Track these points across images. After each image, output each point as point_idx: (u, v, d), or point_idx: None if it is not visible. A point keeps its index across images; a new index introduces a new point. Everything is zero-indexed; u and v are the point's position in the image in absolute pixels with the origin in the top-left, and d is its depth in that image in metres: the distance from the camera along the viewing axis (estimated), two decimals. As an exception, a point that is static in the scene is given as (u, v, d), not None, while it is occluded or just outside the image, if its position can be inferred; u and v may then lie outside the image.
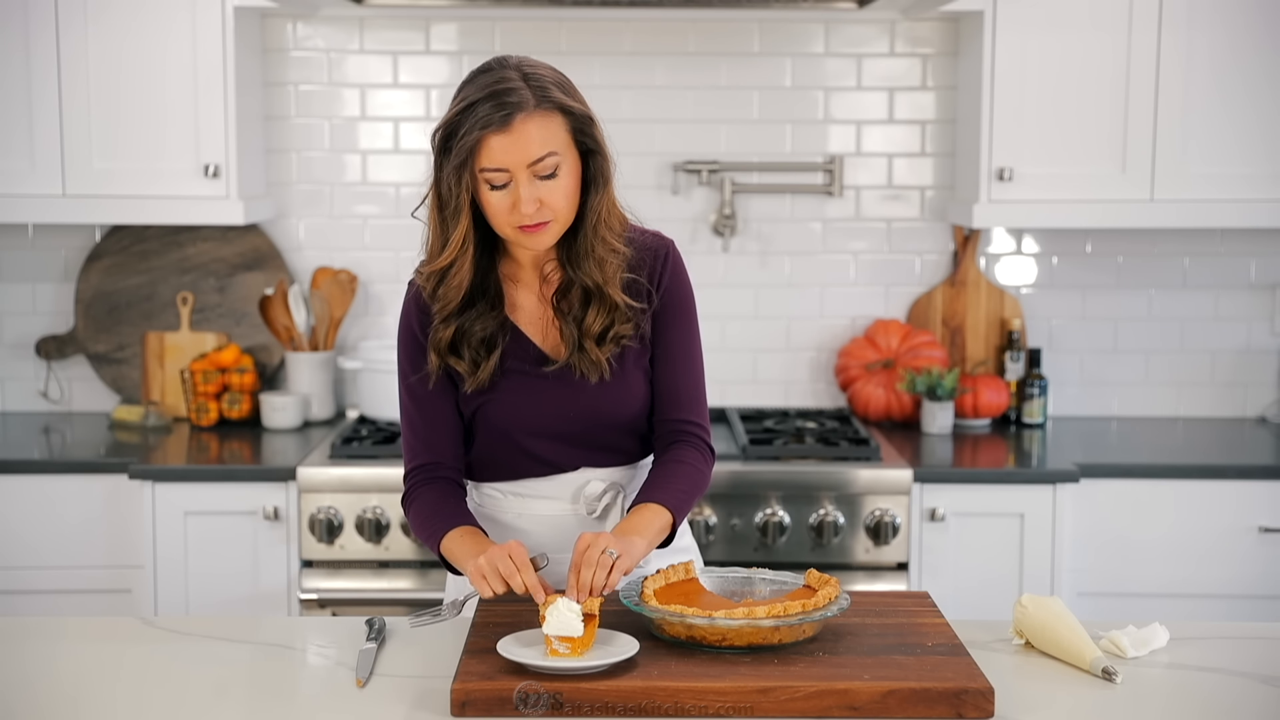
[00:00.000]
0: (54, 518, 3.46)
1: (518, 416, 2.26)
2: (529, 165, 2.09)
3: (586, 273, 2.19)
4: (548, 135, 2.09)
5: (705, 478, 2.29)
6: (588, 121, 2.14)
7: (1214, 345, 4.07)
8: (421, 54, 3.99)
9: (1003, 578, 3.44)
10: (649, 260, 2.26)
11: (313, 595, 3.38)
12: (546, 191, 2.10)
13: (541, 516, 2.32)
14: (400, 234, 4.04)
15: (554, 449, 2.29)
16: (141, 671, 2.06)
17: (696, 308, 2.32)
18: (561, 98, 2.11)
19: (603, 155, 2.16)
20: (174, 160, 3.65)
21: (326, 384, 3.95)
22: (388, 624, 2.23)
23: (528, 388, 2.25)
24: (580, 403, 2.25)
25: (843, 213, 4.03)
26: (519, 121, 2.07)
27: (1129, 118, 3.63)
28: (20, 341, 4.07)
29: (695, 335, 2.31)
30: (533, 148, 2.08)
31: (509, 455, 2.30)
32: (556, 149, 2.10)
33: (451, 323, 2.22)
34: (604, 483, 2.30)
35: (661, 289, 2.27)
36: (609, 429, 2.29)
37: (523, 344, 2.26)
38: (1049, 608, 2.13)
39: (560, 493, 2.31)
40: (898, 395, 3.88)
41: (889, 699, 1.87)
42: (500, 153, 2.08)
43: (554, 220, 2.14)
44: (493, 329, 2.23)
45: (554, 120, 2.10)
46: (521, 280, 2.28)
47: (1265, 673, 2.07)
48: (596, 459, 2.31)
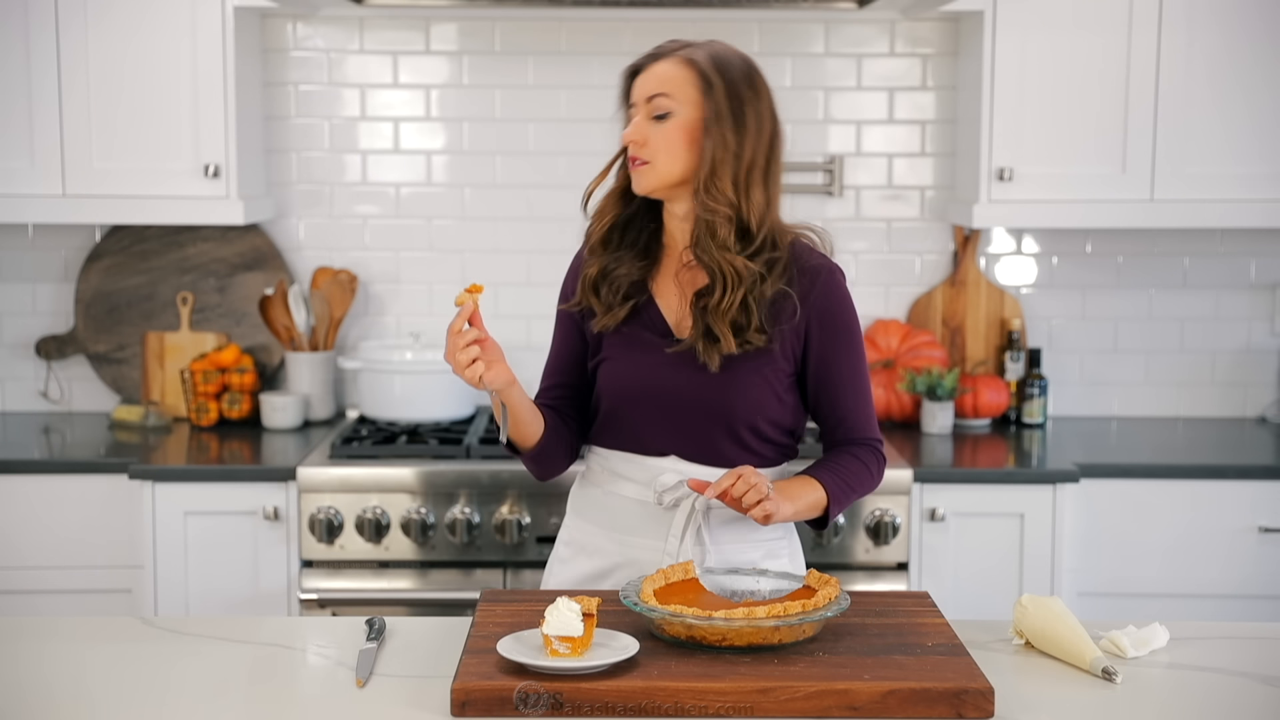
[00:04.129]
0: (54, 518, 3.46)
1: (626, 383, 2.34)
2: (647, 100, 2.27)
3: (705, 249, 2.26)
4: (669, 79, 2.26)
5: (872, 477, 2.36)
6: (711, 89, 2.24)
7: (1214, 345, 4.07)
8: (421, 54, 3.99)
9: (1003, 578, 3.44)
10: (805, 278, 2.30)
11: (313, 595, 3.37)
12: (653, 131, 2.26)
13: (623, 497, 2.36)
14: (400, 234, 4.04)
15: (651, 427, 2.33)
16: (141, 671, 2.06)
17: (861, 333, 2.37)
18: (702, 58, 2.26)
19: (720, 127, 2.24)
20: (174, 160, 3.66)
21: (326, 384, 3.95)
22: (388, 624, 2.23)
23: (643, 358, 2.32)
24: (687, 384, 2.29)
25: (843, 213, 4.03)
26: (656, 64, 2.29)
27: (1129, 118, 3.63)
28: (20, 341, 4.07)
29: (862, 358, 2.36)
30: (652, 84, 2.27)
31: (613, 421, 2.36)
32: (672, 94, 2.25)
33: (599, 259, 2.35)
34: (678, 476, 2.32)
35: (814, 309, 2.30)
36: (707, 420, 2.30)
37: (653, 314, 2.34)
38: (1049, 608, 2.13)
39: (644, 477, 2.34)
40: (898, 395, 3.88)
41: (889, 699, 1.87)
42: (636, 86, 2.31)
43: (651, 164, 2.26)
44: (635, 279, 2.34)
45: (684, 72, 2.26)
46: (669, 255, 2.36)
47: (1265, 673, 2.07)
48: (688, 450, 2.32)
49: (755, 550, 2.35)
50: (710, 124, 2.24)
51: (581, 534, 2.43)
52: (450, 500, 3.40)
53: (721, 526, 2.33)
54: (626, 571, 2.35)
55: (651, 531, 2.34)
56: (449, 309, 4.05)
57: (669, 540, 2.31)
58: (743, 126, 2.26)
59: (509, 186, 4.02)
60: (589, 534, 2.41)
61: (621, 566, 2.36)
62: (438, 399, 3.78)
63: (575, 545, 2.44)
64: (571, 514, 2.47)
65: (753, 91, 2.28)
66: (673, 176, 2.27)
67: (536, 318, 3.99)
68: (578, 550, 2.43)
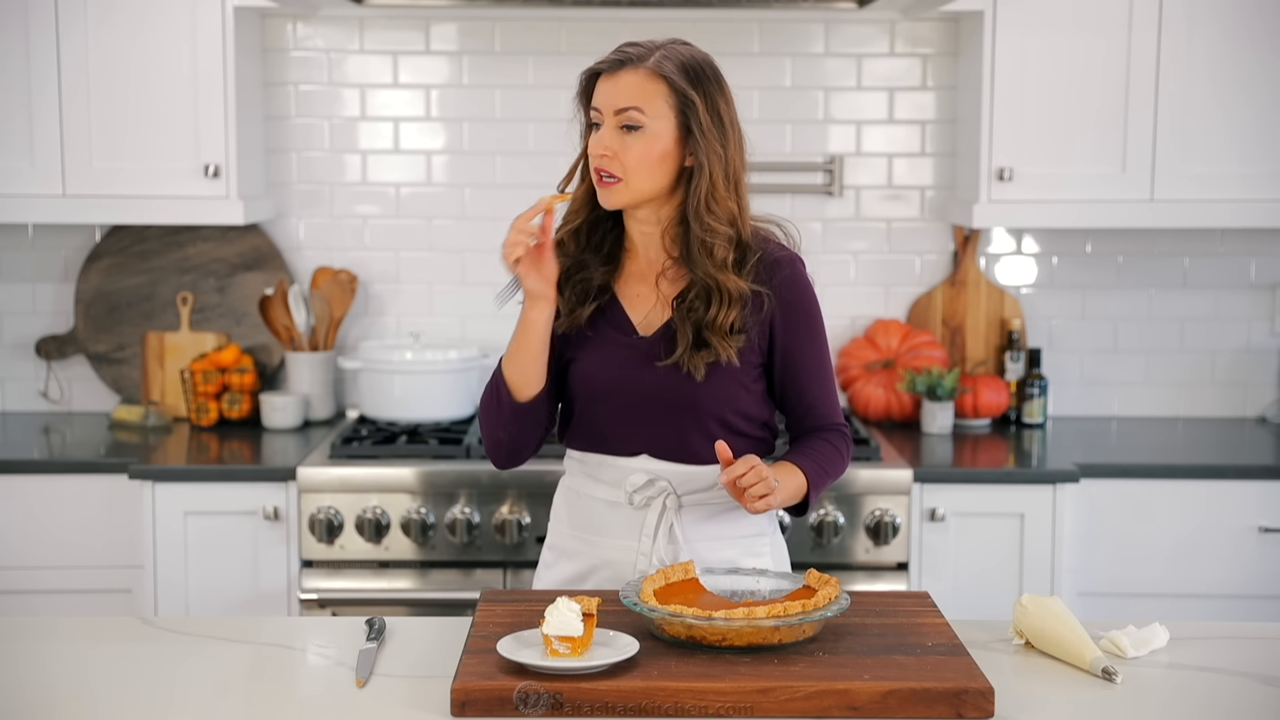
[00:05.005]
0: (54, 518, 3.46)
1: (596, 380, 2.33)
2: (616, 112, 2.23)
3: (700, 266, 2.25)
4: (642, 93, 2.23)
5: (844, 459, 2.38)
6: (690, 104, 2.22)
7: (1214, 345, 4.07)
8: (421, 54, 3.99)
9: (1003, 578, 3.44)
10: (767, 270, 2.30)
11: (313, 595, 3.37)
12: (622, 145, 2.23)
13: (595, 499, 2.37)
14: (400, 234, 4.04)
15: (621, 425, 2.33)
16: (141, 671, 2.06)
17: (823, 320, 2.38)
18: (673, 71, 2.23)
19: (707, 142, 2.23)
20: (174, 160, 3.66)
21: (326, 384, 3.95)
22: (388, 624, 2.23)
23: (611, 355, 2.33)
24: (654, 378, 2.29)
25: (843, 213, 4.03)
26: (624, 72, 2.24)
27: (1129, 118, 3.63)
28: (20, 341, 4.07)
29: (825, 346, 2.38)
30: (622, 96, 2.23)
31: (585, 422, 2.36)
32: (644, 109, 2.22)
33: (563, 258, 2.33)
34: (647, 475, 2.32)
35: (779, 300, 2.30)
36: (677, 414, 2.30)
37: (618, 313, 2.34)
38: (1049, 608, 2.13)
39: (614, 478, 2.35)
40: (898, 395, 3.88)
41: (889, 699, 1.87)
42: (601, 93, 2.26)
43: (622, 180, 2.24)
44: (598, 282, 2.34)
45: (655, 85, 2.23)
46: (631, 257, 2.36)
47: (1265, 673, 2.07)
48: (659, 448, 2.32)
49: (732, 548, 2.36)
50: (699, 143, 2.23)
51: (560, 538, 2.45)
52: (450, 500, 3.40)
53: (694, 525, 2.34)
54: (604, 573, 2.36)
55: (624, 532, 2.35)
56: (449, 309, 4.06)
57: (641, 540, 2.32)
58: (726, 137, 2.25)
59: (509, 186, 4.02)
60: (566, 538, 2.43)
61: (598, 569, 2.37)
62: (438, 399, 3.78)
63: (556, 550, 2.46)
64: (553, 519, 2.49)
65: (724, 97, 2.27)
66: (643, 195, 2.26)
67: (536, 318, 3.98)
68: (559, 554, 2.45)
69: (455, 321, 4.06)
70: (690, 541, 2.33)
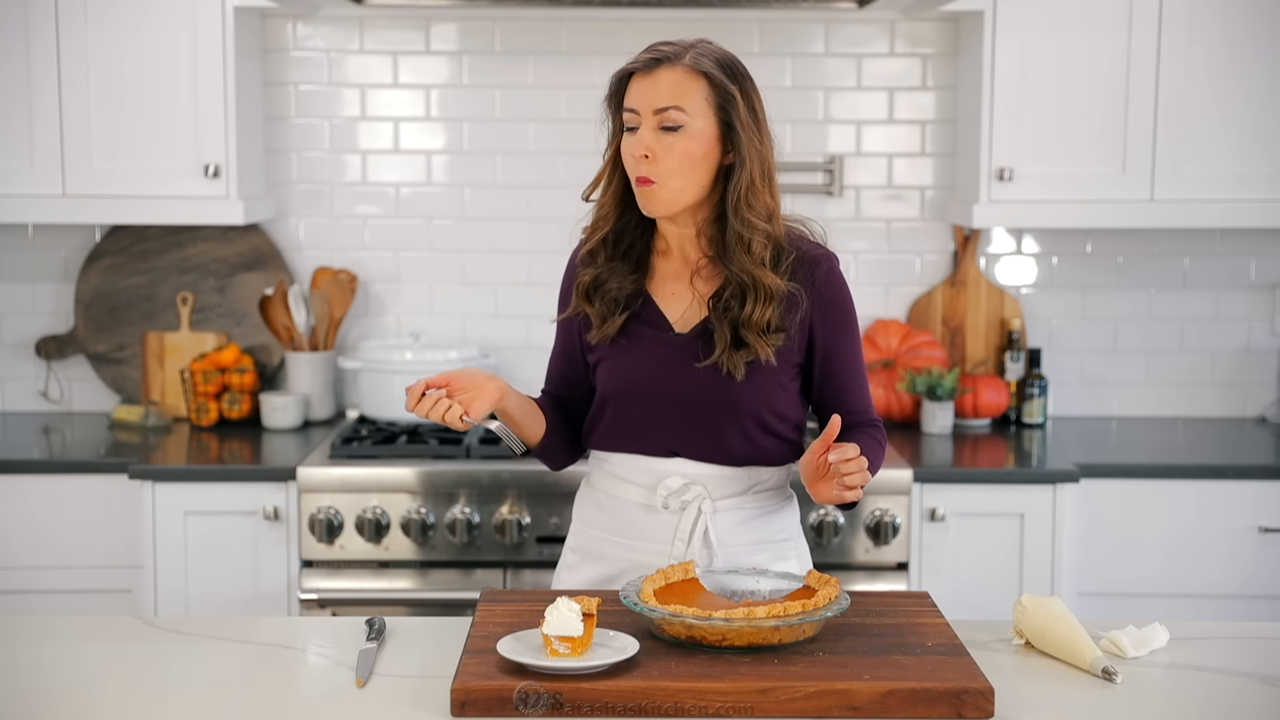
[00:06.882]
0: (54, 518, 3.46)
1: (629, 379, 2.31)
2: (655, 112, 2.19)
3: (737, 263, 2.24)
4: (681, 91, 2.19)
5: (884, 454, 2.37)
6: (730, 100, 2.21)
7: (1214, 345, 4.07)
8: (421, 54, 3.99)
9: (1003, 578, 3.44)
10: (806, 268, 2.29)
11: (313, 595, 3.37)
12: (662, 146, 2.19)
13: (626, 501, 2.36)
14: (400, 234, 4.04)
15: (655, 424, 2.31)
16: (141, 671, 2.06)
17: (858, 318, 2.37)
18: (712, 67, 2.20)
19: (747, 136, 2.21)
20: (174, 160, 3.66)
21: (326, 384, 3.95)
22: (388, 624, 2.23)
23: (646, 353, 2.31)
24: (691, 376, 2.28)
25: (843, 213, 4.03)
26: (661, 70, 2.20)
27: (1129, 118, 3.63)
28: (20, 341, 4.07)
29: (859, 343, 2.37)
30: (661, 96, 2.19)
31: (616, 422, 2.35)
32: (685, 107, 2.19)
33: (592, 269, 2.32)
34: (682, 479, 2.31)
35: (818, 299, 2.29)
36: (713, 414, 2.29)
37: (652, 311, 2.32)
38: (1049, 608, 2.13)
39: (648, 480, 2.33)
40: (898, 395, 3.88)
41: (889, 699, 1.87)
42: (636, 93, 2.21)
43: (660, 184, 2.21)
44: (629, 291, 2.31)
45: (695, 82, 2.20)
46: (664, 258, 2.34)
47: (1265, 673, 2.07)
48: (694, 448, 2.31)
49: (763, 553, 2.35)
50: (740, 138, 2.21)
51: (587, 540, 2.42)
52: (450, 500, 3.40)
53: (729, 530, 2.33)
54: (633, 576, 2.33)
55: (657, 535, 2.33)
56: (449, 309, 4.06)
57: (675, 544, 2.31)
58: (762, 132, 2.24)
59: (509, 186, 4.02)
60: (594, 539, 2.40)
61: (627, 572, 2.35)
62: (438, 399, 3.77)
63: (581, 551, 2.43)
64: (577, 519, 2.46)
65: (756, 93, 2.27)
66: (686, 198, 2.23)
67: (536, 318, 3.99)
68: (584, 556, 2.42)
69: (455, 321, 4.06)
70: (724, 546, 2.32)
